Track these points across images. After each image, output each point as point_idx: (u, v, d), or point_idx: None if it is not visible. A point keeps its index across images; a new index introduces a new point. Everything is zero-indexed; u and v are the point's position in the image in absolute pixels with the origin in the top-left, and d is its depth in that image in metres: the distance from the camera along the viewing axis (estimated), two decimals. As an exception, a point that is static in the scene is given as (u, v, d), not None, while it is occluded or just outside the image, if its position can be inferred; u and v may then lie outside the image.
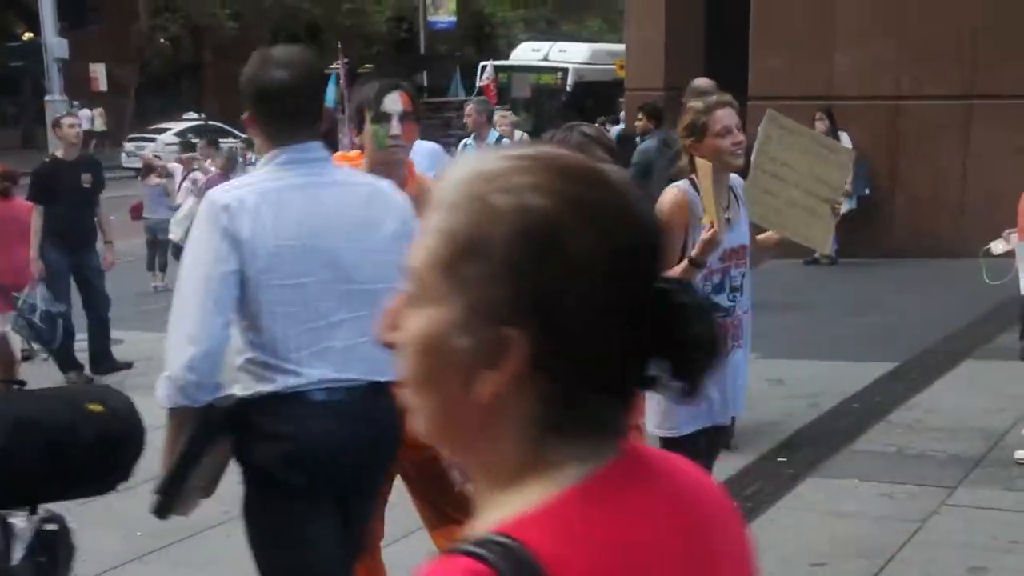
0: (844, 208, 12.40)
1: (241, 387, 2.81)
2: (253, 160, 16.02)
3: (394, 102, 3.42)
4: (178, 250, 12.59)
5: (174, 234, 11.74)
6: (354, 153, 3.61)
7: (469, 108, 10.14)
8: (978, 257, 9.44)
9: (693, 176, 3.73)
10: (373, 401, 2.80)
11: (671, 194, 3.73)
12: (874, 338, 8.39)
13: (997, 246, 5.61)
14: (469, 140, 10.00)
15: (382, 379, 2.73)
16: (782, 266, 9.55)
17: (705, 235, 3.54)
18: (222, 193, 2.84)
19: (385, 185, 3.01)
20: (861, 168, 11.55)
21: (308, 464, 2.77)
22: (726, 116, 3.68)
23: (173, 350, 2.70)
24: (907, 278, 10.54)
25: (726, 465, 5.12)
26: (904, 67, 11.91)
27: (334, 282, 2.78)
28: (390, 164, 3.42)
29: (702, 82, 7.24)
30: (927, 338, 8.17)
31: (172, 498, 2.77)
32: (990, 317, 8.77)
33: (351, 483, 2.91)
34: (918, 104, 11.91)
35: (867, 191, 11.58)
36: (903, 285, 10.30)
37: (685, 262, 3.62)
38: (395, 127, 3.40)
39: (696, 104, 3.74)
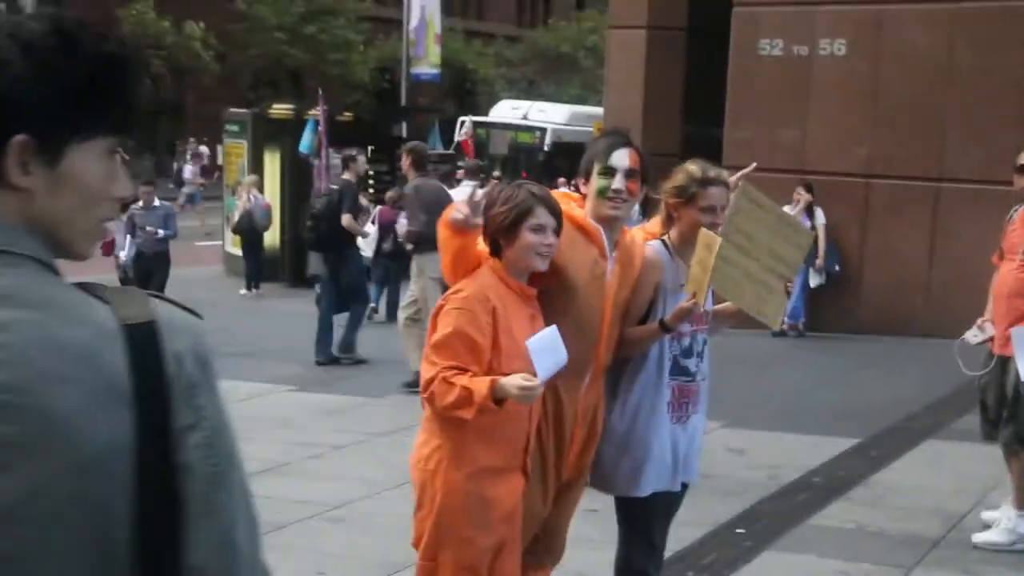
0: (814, 282, 12.60)
1: None
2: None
3: (622, 158, 3.52)
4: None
5: None
6: (576, 196, 3.69)
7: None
8: (944, 338, 9.50)
9: (666, 237, 3.74)
10: None
11: (650, 252, 3.70)
12: (838, 413, 8.40)
13: (973, 336, 5.61)
14: None
15: None
16: (750, 336, 9.56)
17: (685, 304, 3.52)
18: None
19: None
20: (832, 244, 11.67)
21: None
22: (717, 196, 3.65)
23: None
24: (873, 355, 10.60)
25: (684, 534, 5.07)
26: (876, 145, 12.07)
27: None
28: (607, 219, 3.54)
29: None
30: (890, 416, 8.19)
31: None
32: (953, 398, 8.79)
33: None
34: (888, 183, 12.06)
35: (837, 267, 11.65)
36: (868, 361, 10.34)
37: (655, 324, 3.61)
38: (619, 181, 3.50)
39: (694, 171, 3.68)
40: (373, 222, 13.32)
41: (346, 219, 10.57)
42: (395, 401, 8.95)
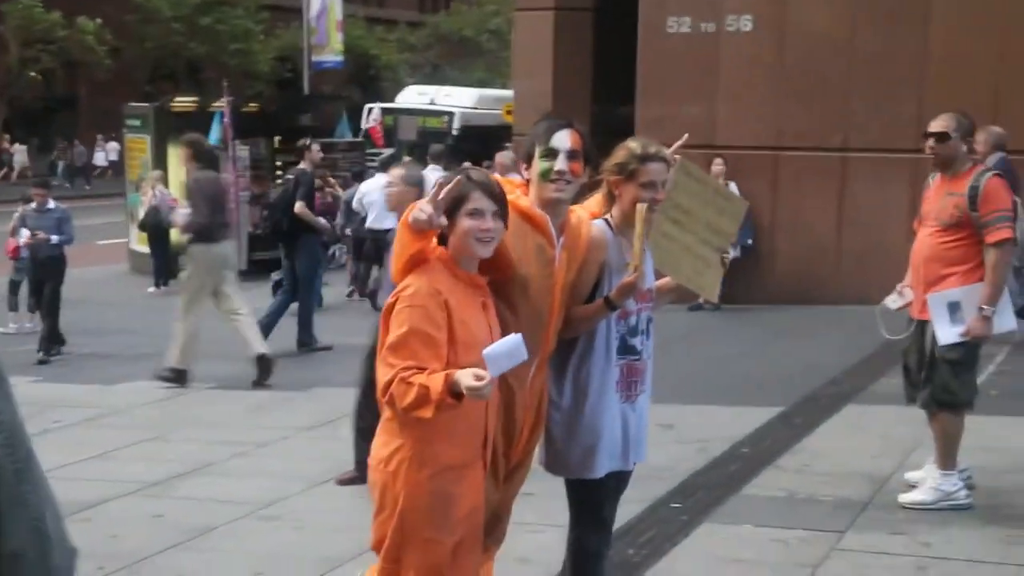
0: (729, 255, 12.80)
1: None
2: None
3: (563, 140, 3.50)
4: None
5: None
6: (518, 180, 3.65)
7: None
8: (854, 304, 9.75)
9: (609, 216, 3.72)
10: None
11: (595, 231, 3.67)
12: (759, 383, 8.53)
13: (893, 301, 5.73)
14: None
15: None
16: (667, 311, 9.61)
17: (628, 278, 3.51)
18: None
19: None
20: (746, 218, 11.81)
21: None
22: (657, 171, 3.63)
23: None
24: (788, 324, 10.78)
25: (622, 511, 5.05)
26: (783, 118, 12.26)
27: None
28: (551, 202, 3.51)
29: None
30: (810, 383, 8.34)
31: None
32: (869, 362, 9.02)
33: None
34: (796, 155, 12.28)
35: (750, 240, 11.81)
36: (784, 331, 10.53)
37: (600, 302, 3.60)
38: (561, 162, 3.48)
39: (634, 147, 3.66)
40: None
41: (298, 207, 10.58)
42: (316, 395, 8.87)
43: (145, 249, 16.32)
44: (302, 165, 11.24)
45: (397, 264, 3.25)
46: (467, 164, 15.31)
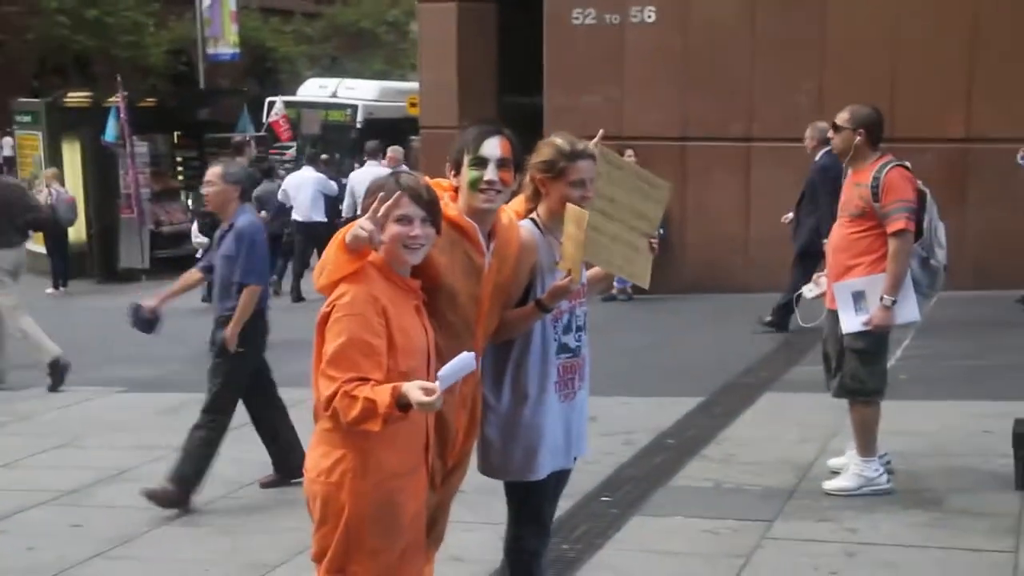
0: None
1: None
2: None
3: (493, 148, 3.44)
4: None
5: None
6: (447, 184, 3.55)
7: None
8: (763, 292, 9.90)
9: (536, 216, 3.67)
10: None
11: (524, 234, 3.61)
12: (677, 373, 8.63)
13: (810, 290, 5.82)
14: None
15: None
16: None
17: (561, 282, 3.47)
18: None
19: None
20: (659, 207, 11.94)
21: None
22: (586, 169, 3.59)
23: None
24: (701, 313, 10.92)
25: (553, 507, 5.08)
26: (688, 109, 12.43)
27: None
28: (480, 211, 3.45)
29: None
30: (727, 372, 8.44)
31: None
32: (781, 350, 9.20)
33: None
34: (702, 145, 12.46)
35: (661, 231, 11.89)
36: (698, 320, 10.68)
37: (531, 305, 3.56)
38: (491, 172, 3.41)
39: (562, 145, 3.60)
40: None
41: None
42: None
43: (42, 249, 15.81)
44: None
45: (330, 279, 3.14)
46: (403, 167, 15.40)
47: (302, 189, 13.95)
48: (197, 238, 12.91)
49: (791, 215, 9.99)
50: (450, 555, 4.49)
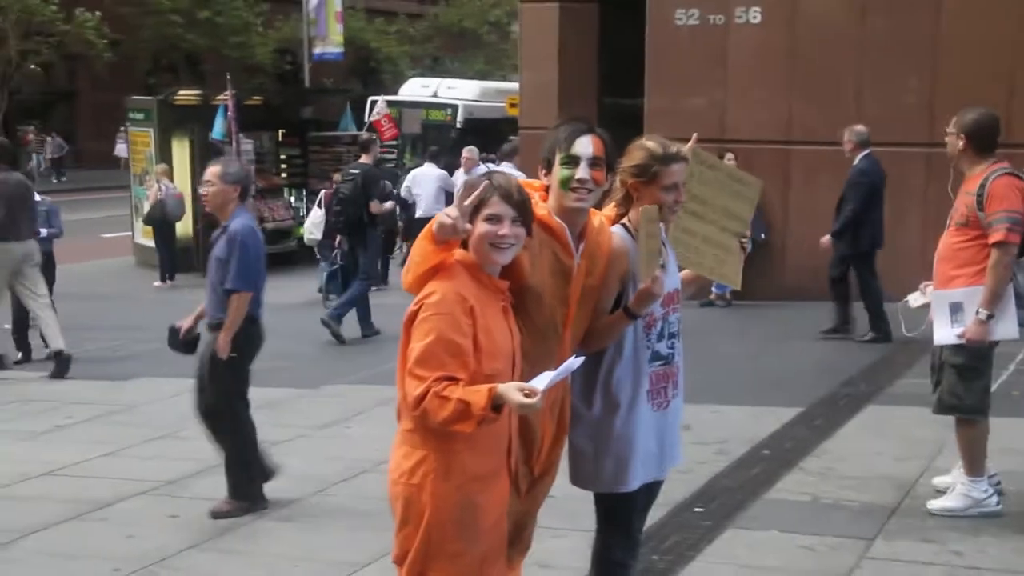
0: None
1: None
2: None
3: (585, 146, 3.39)
4: None
5: None
6: (538, 183, 3.53)
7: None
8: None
9: (627, 222, 3.61)
10: None
11: (616, 241, 3.55)
12: (775, 382, 8.44)
13: (915, 299, 5.63)
14: None
15: None
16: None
17: (645, 286, 3.39)
18: None
19: None
20: (759, 212, 11.72)
21: None
22: (679, 173, 3.53)
23: None
24: (801, 321, 10.64)
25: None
26: (794, 111, 12.16)
27: None
28: (570, 210, 3.40)
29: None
30: (828, 382, 8.24)
31: None
32: (887, 361, 8.93)
33: None
34: (807, 148, 12.16)
35: (763, 235, 11.71)
36: (798, 328, 10.40)
37: (620, 313, 3.49)
38: (583, 171, 3.36)
39: (654, 148, 3.52)
40: (320, 205, 13.39)
41: (375, 206, 11.15)
42: (329, 392, 8.78)
43: (150, 243, 16.24)
44: (364, 160, 11.50)
45: (415, 273, 3.14)
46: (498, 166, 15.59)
47: (424, 185, 14.27)
48: (311, 234, 13.24)
49: (828, 238, 10.11)
50: (537, 561, 4.44)
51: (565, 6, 14.58)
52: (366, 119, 20.86)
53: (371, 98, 21.08)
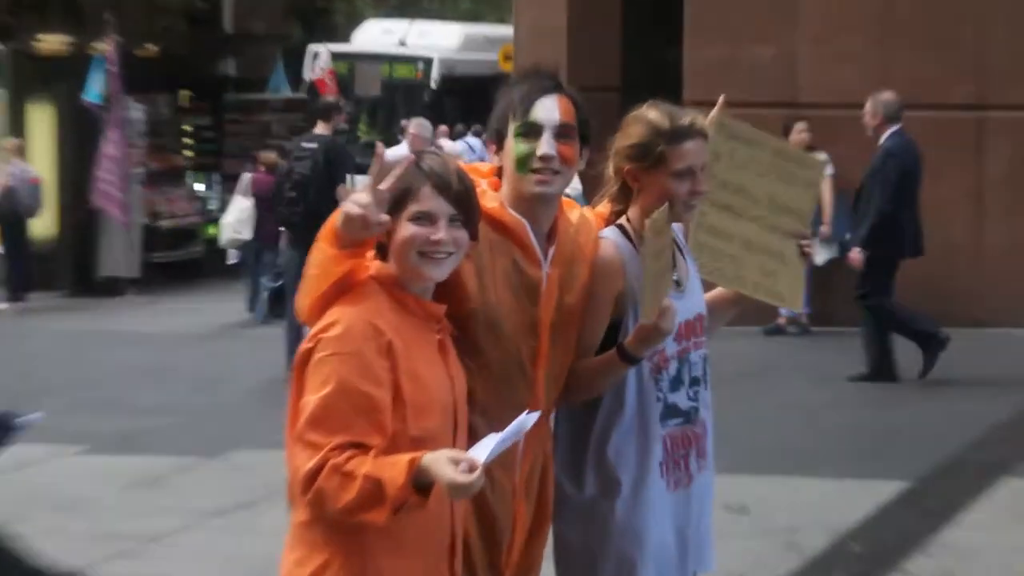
0: (822, 257, 12.92)
1: None
2: None
3: (549, 110, 3.42)
4: None
5: None
6: (486, 167, 3.61)
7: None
8: (1004, 327, 9.48)
9: (626, 222, 3.61)
10: None
11: (605, 251, 3.55)
12: (868, 445, 8.49)
13: None
14: None
15: None
16: (734, 337, 9.44)
17: (645, 323, 3.36)
18: None
19: None
20: (843, 202, 11.63)
21: None
22: (695, 153, 3.51)
23: None
24: (907, 355, 10.49)
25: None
26: (892, 67, 12.20)
27: None
28: (532, 199, 3.44)
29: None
30: (944, 445, 8.23)
31: None
32: (1024, 416, 8.86)
33: None
34: (913, 115, 12.05)
35: (848, 236, 11.60)
36: (903, 366, 10.29)
37: (612, 353, 3.46)
38: (546, 144, 3.38)
39: (658, 120, 3.52)
40: (246, 194, 13.68)
41: (343, 190, 10.74)
42: (242, 460, 8.69)
43: (-3, 246, 16.21)
44: (319, 130, 11.51)
45: (314, 294, 3.13)
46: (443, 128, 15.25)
47: None
48: (236, 234, 13.39)
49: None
50: None
51: (579, -74, 14.84)
52: (305, 76, 20.82)
53: (311, 47, 21.01)
